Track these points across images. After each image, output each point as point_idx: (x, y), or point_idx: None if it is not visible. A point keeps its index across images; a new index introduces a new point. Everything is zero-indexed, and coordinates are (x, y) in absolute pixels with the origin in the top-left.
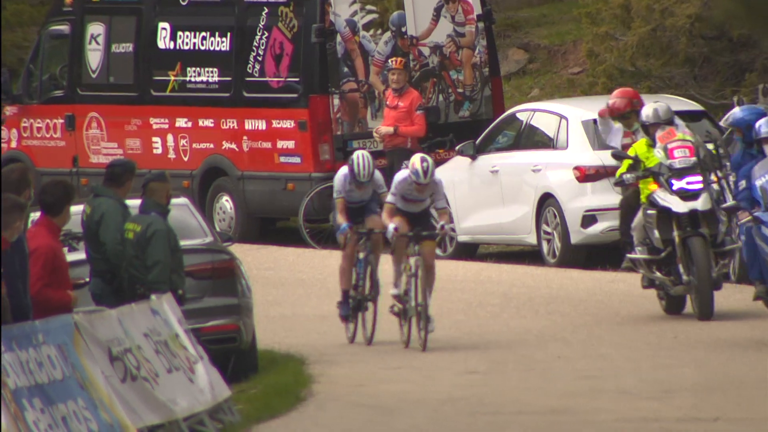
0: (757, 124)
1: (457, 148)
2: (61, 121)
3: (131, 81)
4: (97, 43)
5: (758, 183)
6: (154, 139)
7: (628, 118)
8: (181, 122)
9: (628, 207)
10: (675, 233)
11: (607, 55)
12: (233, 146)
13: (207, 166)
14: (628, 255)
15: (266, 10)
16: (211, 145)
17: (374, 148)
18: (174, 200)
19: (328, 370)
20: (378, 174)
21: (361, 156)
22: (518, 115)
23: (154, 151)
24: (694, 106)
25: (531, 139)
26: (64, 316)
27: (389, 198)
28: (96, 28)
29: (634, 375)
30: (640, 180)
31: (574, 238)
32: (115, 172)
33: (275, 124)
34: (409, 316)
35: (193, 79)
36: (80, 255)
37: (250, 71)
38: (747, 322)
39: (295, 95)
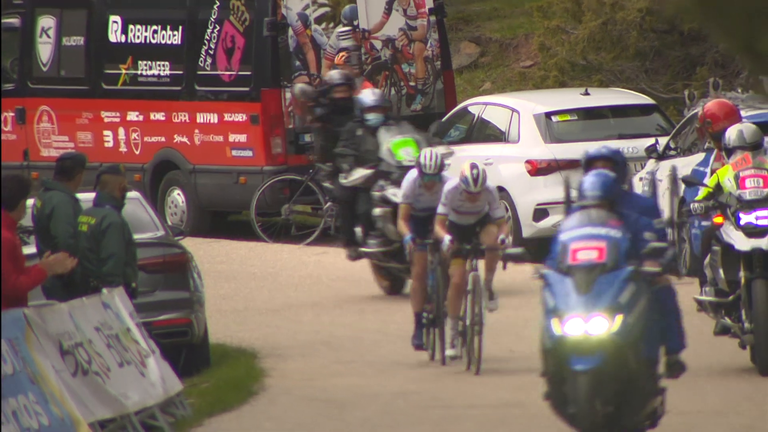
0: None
1: None
2: (12, 114)
3: (82, 74)
4: (48, 36)
5: None
6: (106, 132)
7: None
8: (132, 116)
9: (708, 241)
10: (741, 274)
11: (558, 49)
12: (185, 140)
13: (158, 160)
14: (695, 296)
15: (218, 3)
16: (163, 139)
17: None
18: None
19: (280, 363)
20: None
21: (428, 150)
22: (470, 108)
23: (106, 144)
24: (645, 99)
25: (483, 132)
26: (14, 310)
27: (440, 209)
28: (47, 21)
29: None
30: (710, 211)
31: (526, 232)
32: (66, 166)
33: (227, 117)
34: (469, 337)
35: (144, 73)
36: (31, 249)
37: (201, 65)
38: (696, 315)
39: (246, 89)
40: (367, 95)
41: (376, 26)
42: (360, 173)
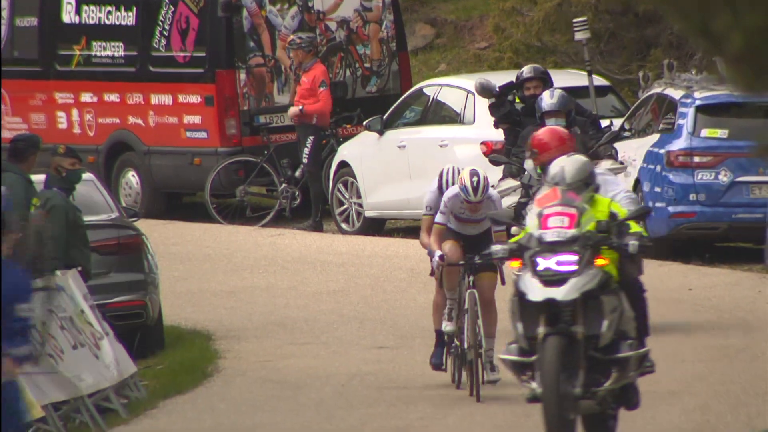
0: (540, 97)
1: (364, 123)
2: None
3: (35, 55)
4: (1, 16)
5: None
6: (59, 113)
7: None
8: (86, 97)
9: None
10: (540, 329)
11: (513, 30)
12: (139, 121)
13: (113, 141)
14: (499, 355)
15: None
16: (117, 120)
17: (282, 123)
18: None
19: (234, 345)
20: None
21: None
22: (425, 90)
23: (59, 126)
24: (600, 81)
25: (438, 114)
26: None
27: (438, 217)
28: None
29: None
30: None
31: None
32: (18, 147)
33: (181, 98)
34: (468, 359)
35: (98, 54)
36: None
37: (155, 46)
38: (651, 297)
39: (201, 70)
40: (546, 98)
41: (331, 7)
42: (509, 184)
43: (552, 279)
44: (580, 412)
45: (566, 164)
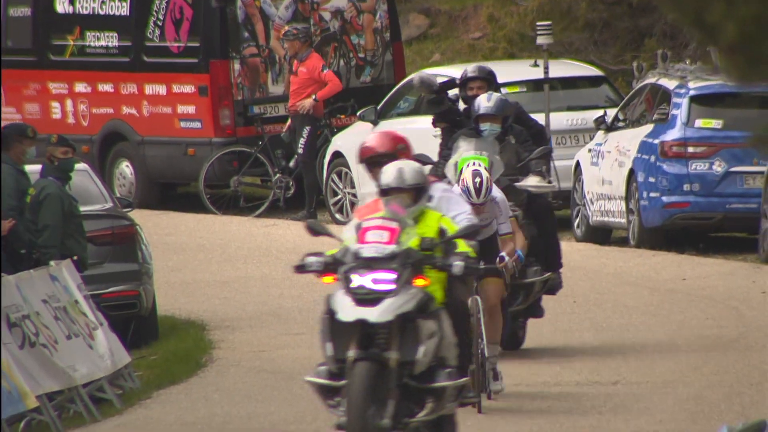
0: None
1: (358, 113)
2: None
3: (29, 45)
4: None
5: None
6: (53, 103)
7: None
8: (80, 87)
9: None
10: (350, 353)
11: (507, 20)
12: (133, 111)
13: (106, 131)
14: (306, 378)
15: None
16: (111, 110)
17: (276, 113)
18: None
19: (228, 335)
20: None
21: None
22: None
23: (53, 115)
24: (594, 71)
25: None
26: None
27: None
28: None
29: (534, 340)
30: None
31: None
32: (2, 135)
33: (175, 89)
34: (470, 369)
35: (92, 44)
36: None
37: (149, 36)
38: (645, 287)
39: (195, 60)
40: (483, 100)
41: None
42: None
43: (366, 298)
44: None
45: (404, 166)
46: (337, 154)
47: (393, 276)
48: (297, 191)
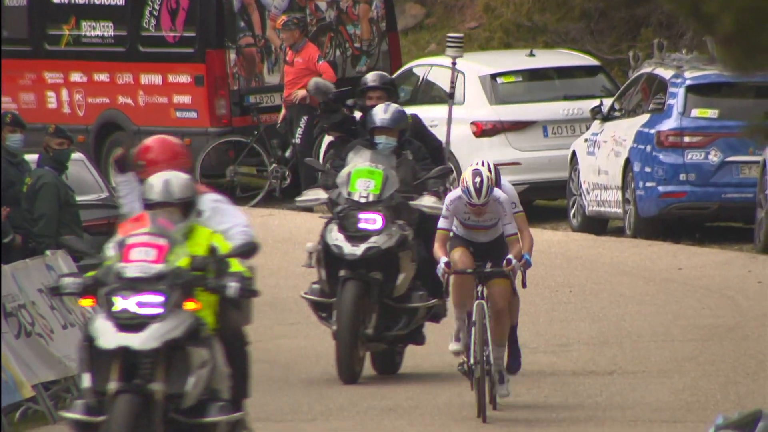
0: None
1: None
2: None
3: (25, 35)
4: None
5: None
6: (49, 93)
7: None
8: (75, 77)
9: None
10: (111, 384)
11: (503, 10)
12: (129, 101)
13: (102, 121)
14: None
15: None
16: (107, 100)
17: (272, 103)
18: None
19: None
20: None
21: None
22: (415, 70)
23: (49, 105)
24: (590, 61)
25: (428, 94)
26: None
27: (441, 222)
28: None
29: (530, 329)
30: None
31: None
32: None
33: (171, 78)
34: (475, 377)
35: (87, 33)
36: None
37: (145, 25)
38: (641, 277)
39: (191, 50)
40: (379, 112)
41: None
42: (316, 195)
43: (130, 323)
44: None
45: (172, 178)
46: (333, 145)
47: (160, 299)
48: (293, 181)
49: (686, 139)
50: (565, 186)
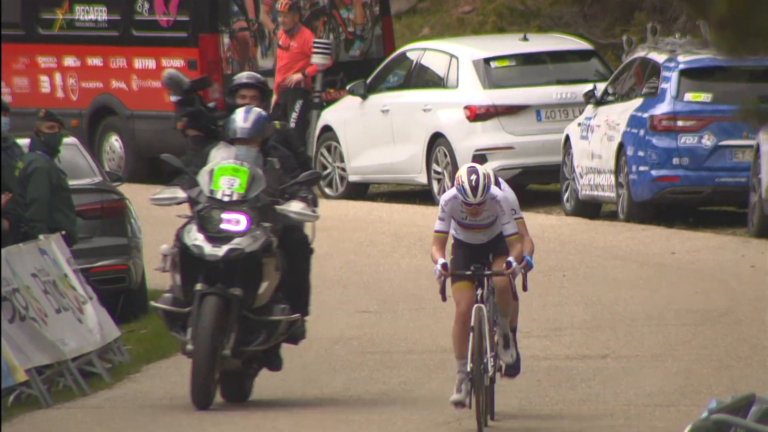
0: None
1: (347, 87)
2: None
3: (18, 19)
4: None
5: None
6: (42, 77)
7: None
8: (69, 61)
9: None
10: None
11: None
12: (122, 85)
13: (96, 105)
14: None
15: None
16: (100, 84)
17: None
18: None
19: None
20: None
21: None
22: (409, 54)
23: (42, 89)
24: (583, 45)
25: (422, 78)
26: None
27: (438, 225)
28: None
29: (524, 313)
30: None
31: None
32: None
33: (165, 62)
34: (476, 385)
35: (81, 18)
36: None
37: (139, 9)
38: (635, 261)
39: (184, 34)
40: (239, 120)
41: None
42: (173, 194)
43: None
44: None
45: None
46: (327, 128)
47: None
48: None
49: (679, 123)
50: (558, 170)
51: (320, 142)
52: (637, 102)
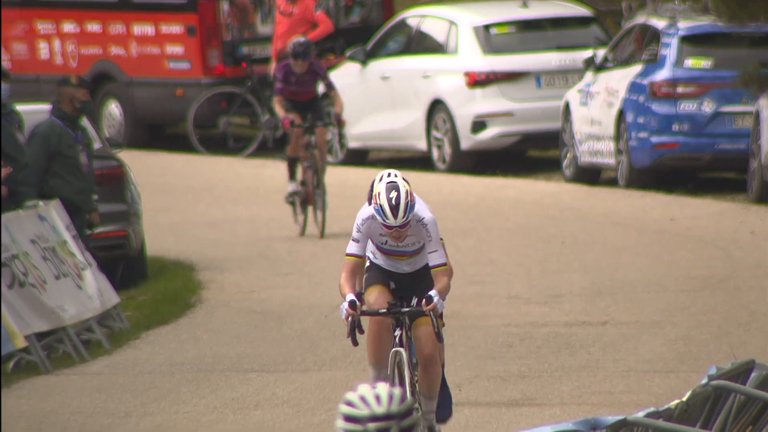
0: None
1: (347, 53)
2: None
3: None
4: None
5: None
6: (41, 43)
7: None
8: (68, 27)
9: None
10: None
11: None
12: (121, 51)
13: (95, 72)
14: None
15: None
16: (99, 51)
17: (265, 54)
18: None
19: (217, 276)
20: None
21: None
22: (408, 20)
23: (41, 56)
24: (583, 11)
25: (421, 44)
26: None
27: (350, 247)
28: None
29: (523, 280)
30: None
31: (464, 144)
32: None
33: (164, 29)
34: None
35: None
36: None
37: None
38: (634, 227)
39: (183, 0)
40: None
41: None
42: None
43: None
44: None
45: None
46: (326, 95)
47: None
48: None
49: (680, 89)
50: (558, 136)
51: None
52: (637, 68)
